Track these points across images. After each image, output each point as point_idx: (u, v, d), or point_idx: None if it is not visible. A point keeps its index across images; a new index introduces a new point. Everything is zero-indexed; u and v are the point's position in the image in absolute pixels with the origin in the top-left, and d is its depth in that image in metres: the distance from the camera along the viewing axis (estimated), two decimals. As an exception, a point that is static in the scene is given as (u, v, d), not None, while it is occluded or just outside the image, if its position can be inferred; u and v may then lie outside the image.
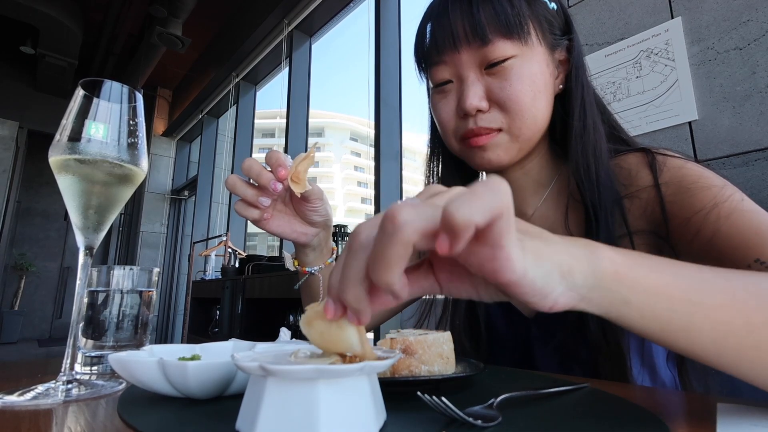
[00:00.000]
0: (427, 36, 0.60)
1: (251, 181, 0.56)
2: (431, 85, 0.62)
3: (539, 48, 0.57)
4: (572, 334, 0.57)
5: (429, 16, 0.61)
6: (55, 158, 0.45)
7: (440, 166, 0.72)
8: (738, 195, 0.48)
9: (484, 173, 0.71)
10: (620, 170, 0.58)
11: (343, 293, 0.25)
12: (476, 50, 0.56)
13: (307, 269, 0.67)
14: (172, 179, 6.52)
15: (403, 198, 0.29)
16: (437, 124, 0.64)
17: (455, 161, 0.68)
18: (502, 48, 0.55)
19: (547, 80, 0.58)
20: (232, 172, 4.79)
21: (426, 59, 0.61)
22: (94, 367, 0.55)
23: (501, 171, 0.64)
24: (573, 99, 0.60)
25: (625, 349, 0.53)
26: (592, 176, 0.56)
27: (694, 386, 0.57)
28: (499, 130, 0.57)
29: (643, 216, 0.56)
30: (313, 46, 3.95)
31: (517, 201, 0.66)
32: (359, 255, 0.25)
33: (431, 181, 0.73)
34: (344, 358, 0.28)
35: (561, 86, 0.62)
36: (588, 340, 0.54)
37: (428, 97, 0.66)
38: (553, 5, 0.61)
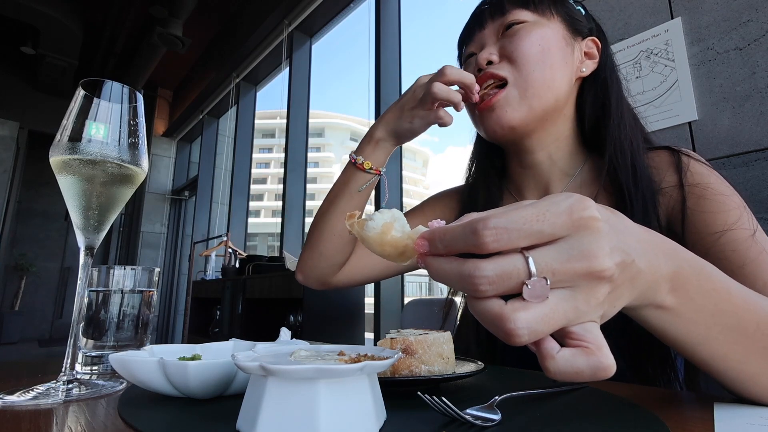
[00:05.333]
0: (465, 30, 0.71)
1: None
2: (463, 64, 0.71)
3: (554, 20, 0.64)
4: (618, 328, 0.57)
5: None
6: (55, 158, 0.45)
7: (477, 155, 0.78)
8: (748, 225, 0.52)
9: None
10: (649, 167, 0.61)
11: None
12: (497, 21, 0.65)
13: (381, 170, 0.71)
14: (173, 179, 6.52)
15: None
16: None
17: (489, 150, 0.76)
18: (517, 14, 0.63)
19: (563, 49, 0.63)
20: (232, 172, 4.80)
21: (461, 45, 0.72)
22: (95, 367, 0.55)
23: (526, 152, 0.67)
24: (610, 89, 0.64)
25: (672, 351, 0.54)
26: (628, 163, 0.59)
27: (700, 384, 0.57)
28: (506, 81, 0.61)
29: (664, 213, 0.59)
30: (313, 47, 3.95)
31: (542, 187, 0.70)
32: None
33: (471, 171, 0.79)
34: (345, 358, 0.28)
35: (584, 70, 0.65)
36: (632, 338, 0.54)
37: None
38: (579, 8, 0.68)
